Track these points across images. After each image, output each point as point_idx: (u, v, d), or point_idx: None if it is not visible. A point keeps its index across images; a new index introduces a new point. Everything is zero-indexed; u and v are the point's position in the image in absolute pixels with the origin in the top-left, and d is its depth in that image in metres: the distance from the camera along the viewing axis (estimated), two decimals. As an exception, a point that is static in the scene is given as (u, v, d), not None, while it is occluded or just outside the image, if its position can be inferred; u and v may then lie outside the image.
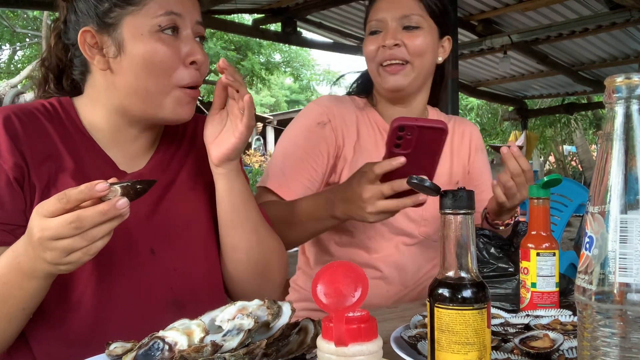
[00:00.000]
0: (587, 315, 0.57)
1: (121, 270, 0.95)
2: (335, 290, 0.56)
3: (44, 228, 0.73)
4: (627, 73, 0.57)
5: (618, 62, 6.49)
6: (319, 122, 1.38)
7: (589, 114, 13.20)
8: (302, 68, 16.16)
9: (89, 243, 0.75)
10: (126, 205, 0.75)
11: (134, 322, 0.94)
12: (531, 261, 1.01)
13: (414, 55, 1.34)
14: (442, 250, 0.64)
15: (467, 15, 5.20)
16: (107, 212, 0.73)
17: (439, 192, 0.66)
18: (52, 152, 0.94)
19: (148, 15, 0.91)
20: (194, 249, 1.03)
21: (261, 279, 1.06)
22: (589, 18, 4.97)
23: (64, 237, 0.73)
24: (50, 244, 0.74)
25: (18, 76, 8.71)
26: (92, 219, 0.73)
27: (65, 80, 1.04)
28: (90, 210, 0.73)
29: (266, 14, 5.36)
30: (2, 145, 0.89)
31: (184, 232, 1.02)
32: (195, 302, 1.00)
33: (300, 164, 1.35)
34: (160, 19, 0.91)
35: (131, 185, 0.77)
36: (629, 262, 0.54)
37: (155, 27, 0.91)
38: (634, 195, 0.55)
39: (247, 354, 0.68)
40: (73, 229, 0.73)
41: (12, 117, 0.92)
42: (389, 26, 1.35)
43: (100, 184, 0.73)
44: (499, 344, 0.85)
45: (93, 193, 0.73)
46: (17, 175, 0.89)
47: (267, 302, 0.77)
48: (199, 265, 1.03)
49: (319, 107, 1.42)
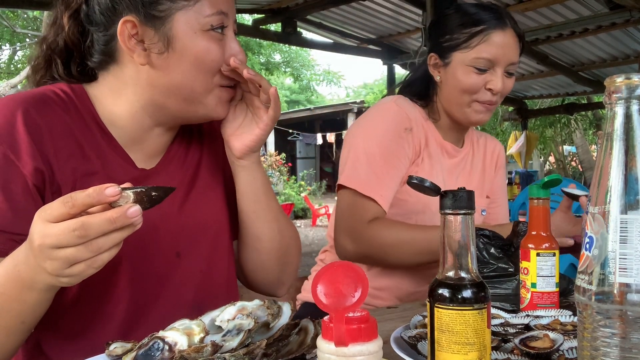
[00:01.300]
0: (587, 316, 0.57)
1: (149, 276, 0.92)
2: (335, 290, 0.56)
3: (45, 234, 0.66)
4: (627, 73, 0.57)
5: (618, 62, 6.48)
6: (406, 128, 1.41)
7: (589, 114, 13.19)
8: (302, 68, 16.16)
9: (93, 254, 0.67)
10: (138, 214, 0.67)
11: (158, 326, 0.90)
12: (531, 261, 1.01)
13: (502, 97, 1.42)
14: (442, 250, 0.64)
15: (467, 15, 5.18)
16: (116, 220, 0.65)
17: (439, 192, 0.66)
18: (75, 150, 0.87)
19: (201, 13, 0.87)
20: (217, 250, 1.02)
21: (283, 264, 1.07)
22: (589, 18, 4.96)
23: (67, 246, 0.66)
24: (52, 253, 0.66)
25: (18, 76, 8.72)
26: (98, 227, 0.65)
27: (73, 65, 0.95)
28: (97, 218, 0.65)
29: (266, 14, 5.36)
30: (23, 147, 0.81)
31: (207, 233, 1.01)
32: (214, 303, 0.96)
33: (391, 171, 1.38)
34: (212, 18, 0.87)
35: (146, 191, 0.68)
36: (629, 263, 0.54)
37: (207, 26, 0.87)
38: (634, 196, 0.55)
39: (247, 354, 0.68)
40: (77, 238, 0.65)
41: (30, 111, 0.84)
42: (497, 69, 1.38)
43: (110, 188, 0.65)
44: (499, 344, 0.85)
45: (102, 198, 0.65)
46: (37, 182, 0.82)
47: (267, 302, 0.77)
48: (220, 265, 1.03)
49: (402, 111, 1.43)
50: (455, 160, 1.54)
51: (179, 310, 0.93)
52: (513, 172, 8.79)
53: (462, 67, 1.40)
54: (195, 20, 0.86)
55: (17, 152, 0.81)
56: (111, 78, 0.92)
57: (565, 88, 8.10)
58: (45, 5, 4.69)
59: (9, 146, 0.81)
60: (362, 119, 1.49)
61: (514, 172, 8.77)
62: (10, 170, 0.80)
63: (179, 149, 1.02)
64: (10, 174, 0.80)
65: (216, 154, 1.06)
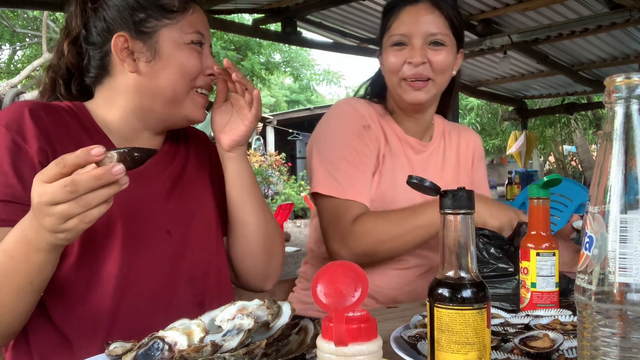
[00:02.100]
0: (587, 315, 0.57)
1: (140, 248, 1.01)
2: (335, 290, 0.56)
3: (41, 193, 0.74)
4: (627, 73, 0.56)
5: (618, 62, 6.48)
6: (364, 125, 1.41)
7: (589, 114, 13.19)
8: (302, 68, 16.14)
9: (84, 209, 0.75)
10: (122, 172, 0.75)
11: (154, 295, 1.01)
12: (531, 261, 1.01)
13: (437, 73, 1.38)
14: (442, 250, 0.64)
15: (467, 15, 5.19)
16: (102, 176, 0.74)
17: (439, 192, 0.66)
18: (76, 139, 1.01)
19: (182, 30, 1.05)
20: (205, 231, 1.13)
21: (269, 254, 1.18)
22: (589, 18, 4.96)
23: (60, 202, 0.74)
24: (48, 209, 0.75)
25: (18, 76, 8.73)
26: (86, 183, 0.73)
27: (73, 85, 1.12)
28: (85, 174, 0.73)
29: (266, 14, 5.36)
30: (29, 132, 0.94)
31: (195, 216, 1.12)
32: (209, 278, 1.11)
33: (361, 168, 1.39)
34: (192, 35, 1.06)
35: (128, 152, 0.76)
36: (629, 262, 0.54)
37: (188, 40, 1.05)
38: (634, 195, 0.55)
39: (247, 354, 0.68)
40: (67, 193, 0.73)
41: (38, 108, 0.99)
42: (414, 42, 1.37)
43: (96, 149, 0.74)
44: (499, 344, 0.85)
45: (89, 157, 0.74)
46: (42, 159, 0.94)
47: (267, 302, 0.77)
48: (210, 246, 1.14)
49: (356, 110, 1.44)
50: (423, 155, 1.52)
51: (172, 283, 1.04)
52: (513, 172, 8.79)
53: (386, 50, 1.42)
54: (179, 35, 1.05)
55: (24, 136, 0.94)
56: (105, 90, 1.08)
57: (565, 88, 8.10)
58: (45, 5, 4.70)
59: (17, 132, 0.94)
60: (319, 125, 1.49)
61: (514, 172, 8.77)
62: (19, 152, 0.93)
63: (169, 151, 1.16)
64: (19, 155, 0.93)
65: (202, 157, 1.22)
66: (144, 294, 1.00)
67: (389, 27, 1.41)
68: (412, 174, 1.46)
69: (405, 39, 1.37)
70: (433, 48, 1.37)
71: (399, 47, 1.38)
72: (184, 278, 1.06)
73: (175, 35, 1.04)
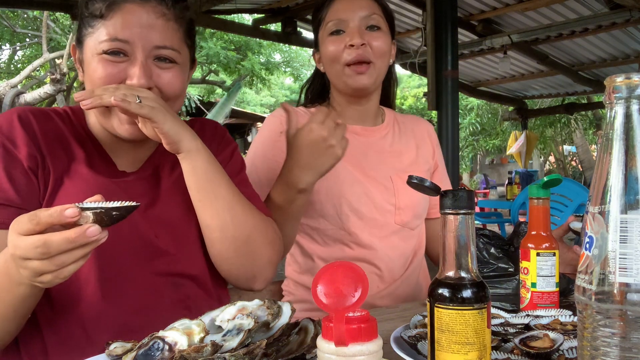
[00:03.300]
0: (587, 315, 0.57)
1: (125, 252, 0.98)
2: (335, 290, 0.56)
3: (16, 246, 0.72)
4: (627, 73, 0.56)
5: (618, 62, 6.49)
6: (281, 132, 1.40)
7: (589, 114, 13.21)
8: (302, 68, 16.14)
9: (58, 268, 0.72)
10: (97, 233, 0.71)
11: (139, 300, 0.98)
12: (531, 261, 1.01)
13: (377, 56, 1.38)
14: (442, 250, 0.64)
15: (467, 15, 5.20)
16: (75, 239, 0.70)
17: (439, 192, 0.66)
18: (65, 145, 1.00)
19: (97, 38, 0.96)
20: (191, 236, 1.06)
21: (244, 256, 1.06)
22: (589, 18, 4.97)
23: (33, 259, 0.71)
24: (21, 263, 0.73)
25: (18, 76, 8.72)
26: (58, 246, 0.70)
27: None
28: (57, 236, 0.70)
29: (266, 14, 5.37)
30: (18, 137, 0.95)
31: (181, 221, 1.06)
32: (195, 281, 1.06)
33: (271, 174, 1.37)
34: (104, 44, 0.95)
35: (105, 211, 0.71)
36: (629, 262, 0.54)
37: (100, 50, 0.95)
38: (634, 195, 0.55)
39: (247, 354, 0.68)
40: (39, 254, 0.70)
41: (27, 113, 0.99)
42: (352, 26, 1.37)
43: (70, 210, 0.69)
44: (499, 344, 0.85)
45: (62, 218, 0.69)
46: (31, 165, 0.94)
47: (267, 302, 0.77)
48: (196, 249, 1.07)
49: (276, 118, 1.45)
50: (372, 139, 1.50)
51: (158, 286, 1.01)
52: (513, 172, 8.79)
53: (324, 43, 1.41)
54: (93, 44, 0.97)
55: (14, 142, 0.94)
56: None
57: (565, 88, 8.10)
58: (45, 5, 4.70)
59: (7, 138, 0.95)
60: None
61: (514, 172, 8.78)
62: (10, 157, 0.94)
63: (159, 158, 1.11)
64: (10, 160, 0.93)
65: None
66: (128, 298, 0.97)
67: (323, 18, 1.41)
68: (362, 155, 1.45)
69: (342, 24, 1.37)
70: (370, 32, 1.38)
71: (336, 34, 1.38)
72: (169, 282, 1.02)
73: (92, 44, 0.97)
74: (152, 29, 0.97)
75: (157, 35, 0.97)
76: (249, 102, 22.00)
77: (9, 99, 7.39)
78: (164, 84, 0.99)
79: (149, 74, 0.97)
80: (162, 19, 0.98)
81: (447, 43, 4.21)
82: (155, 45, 0.97)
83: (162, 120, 0.92)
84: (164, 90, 1.00)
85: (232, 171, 1.13)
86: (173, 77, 1.00)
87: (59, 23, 11.10)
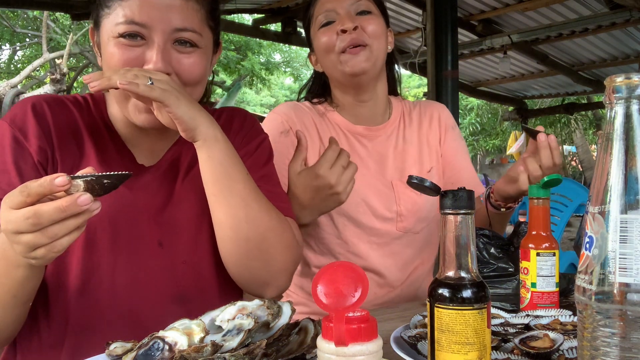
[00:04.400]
0: (587, 315, 0.57)
1: (127, 260, 0.95)
2: (335, 290, 0.56)
3: (7, 220, 0.70)
4: (627, 73, 0.56)
5: (618, 62, 6.49)
6: (281, 132, 1.37)
7: (589, 114, 13.20)
8: (302, 68, 16.15)
9: (51, 240, 0.70)
10: (88, 202, 0.69)
11: (137, 312, 0.95)
12: (531, 261, 1.01)
13: (372, 38, 1.34)
14: (442, 250, 0.64)
15: (467, 15, 5.20)
16: (66, 208, 0.68)
17: (439, 192, 0.66)
18: (77, 137, 0.97)
19: (113, 20, 0.91)
20: (203, 242, 1.01)
21: (257, 260, 0.98)
22: (589, 18, 4.97)
23: (25, 232, 0.69)
24: (14, 238, 0.71)
25: (18, 76, 8.72)
26: (49, 216, 0.68)
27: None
28: (48, 206, 0.68)
29: (266, 14, 5.37)
30: (30, 129, 0.93)
31: (193, 225, 1.01)
32: (203, 296, 1.01)
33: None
34: (120, 27, 0.90)
35: (96, 179, 0.70)
36: (629, 262, 0.54)
37: (116, 33, 0.91)
38: (634, 195, 0.55)
39: (247, 354, 0.68)
40: (31, 225, 0.68)
41: (41, 102, 0.96)
42: (342, 13, 1.34)
43: (59, 178, 0.68)
44: (499, 344, 0.85)
45: (52, 187, 0.68)
46: (41, 159, 0.93)
47: (267, 302, 0.77)
48: (207, 258, 1.02)
49: (278, 116, 1.40)
50: (377, 140, 1.45)
51: (160, 300, 0.97)
52: (513, 172, 8.79)
53: (315, 36, 1.38)
54: (110, 27, 0.92)
55: (25, 134, 0.93)
56: None
57: (565, 88, 8.11)
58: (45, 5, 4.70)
59: (19, 129, 0.93)
60: None
61: (514, 172, 8.77)
62: (20, 150, 0.92)
63: (178, 150, 1.06)
64: (20, 153, 0.92)
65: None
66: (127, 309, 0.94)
67: (312, 14, 1.39)
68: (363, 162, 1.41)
69: (331, 14, 1.35)
70: (362, 17, 1.35)
71: (327, 25, 1.35)
72: (175, 296, 0.98)
73: (108, 27, 0.92)
74: (171, 10, 0.91)
75: (176, 17, 0.91)
76: (249, 102, 22.00)
77: (9, 99, 7.39)
78: (184, 70, 0.94)
79: (167, 58, 0.91)
80: None
81: (447, 43, 4.21)
82: (175, 28, 0.91)
83: (175, 104, 0.86)
84: (183, 76, 0.94)
85: (256, 164, 1.07)
86: (194, 62, 0.94)
87: (59, 23, 11.10)
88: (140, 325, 0.93)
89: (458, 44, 4.54)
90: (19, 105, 0.96)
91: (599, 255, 0.56)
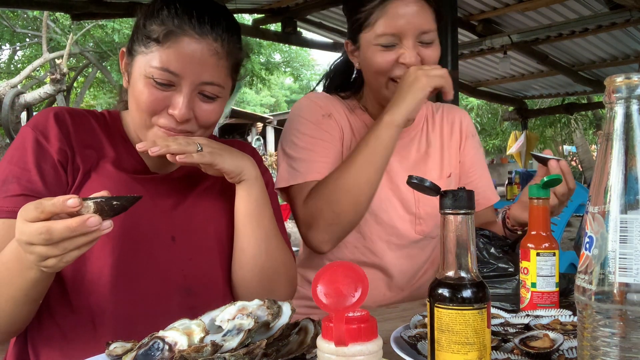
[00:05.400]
0: (587, 315, 0.57)
1: (142, 252, 1.00)
2: (335, 290, 0.56)
3: (22, 232, 0.75)
4: (627, 73, 0.56)
5: (618, 62, 6.49)
6: (323, 115, 1.36)
7: (589, 114, 13.20)
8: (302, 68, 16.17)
9: (61, 253, 0.75)
10: (97, 224, 0.74)
11: (147, 301, 1.00)
12: (531, 261, 1.01)
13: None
14: (442, 250, 0.64)
15: (467, 15, 5.20)
16: (75, 229, 0.73)
17: (439, 192, 0.66)
18: (96, 143, 1.04)
19: (149, 62, 0.97)
20: (211, 243, 1.08)
21: (264, 288, 1.08)
22: (589, 18, 4.97)
23: (37, 244, 0.74)
24: (27, 248, 0.76)
25: (18, 76, 8.71)
26: (59, 233, 0.73)
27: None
28: (60, 224, 0.73)
29: (266, 14, 5.36)
30: (51, 133, 0.99)
31: (202, 227, 1.08)
32: (206, 291, 1.07)
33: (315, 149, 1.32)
34: (154, 71, 0.97)
35: (106, 201, 0.75)
36: (629, 262, 0.54)
37: (149, 74, 0.97)
38: (634, 195, 0.55)
39: (247, 354, 0.68)
40: (43, 240, 0.73)
41: (63, 111, 1.04)
42: (406, 43, 1.27)
43: (71, 200, 0.73)
44: (499, 344, 0.85)
45: (64, 208, 0.73)
46: (61, 159, 0.99)
47: (267, 302, 0.77)
48: (213, 258, 1.08)
49: (316, 102, 1.38)
50: (402, 142, 1.42)
51: (169, 290, 1.02)
52: (513, 172, 8.80)
53: (369, 48, 1.30)
54: (144, 66, 0.98)
55: (47, 137, 0.99)
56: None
57: (565, 88, 8.10)
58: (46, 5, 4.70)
59: (41, 132, 0.99)
60: (285, 125, 1.44)
61: (514, 172, 8.78)
62: (41, 151, 0.98)
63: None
64: (41, 153, 0.98)
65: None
66: (138, 298, 0.99)
67: (373, 24, 1.27)
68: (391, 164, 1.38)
69: (394, 39, 1.27)
70: (424, 48, 1.30)
71: (387, 47, 1.27)
72: (181, 287, 1.04)
73: (142, 65, 0.98)
74: (203, 66, 0.98)
75: (206, 72, 0.98)
76: (249, 102, 22.01)
77: (9, 99, 7.38)
78: (203, 116, 1.01)
79: (191, 106, 0.99)
80: (215, 57, 0.99)
81: (447, 43, 4.21)
82: (203, 81, 0.99)
83: (221, 161, 0.99)
84: (201, 120, 1.02)
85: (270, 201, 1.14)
86: (213, 109, 1.03)
87: (59, 23, 11.10)
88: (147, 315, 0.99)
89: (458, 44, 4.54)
90: (41, 113, 1.03)
91: (599, 255, 0.56)
